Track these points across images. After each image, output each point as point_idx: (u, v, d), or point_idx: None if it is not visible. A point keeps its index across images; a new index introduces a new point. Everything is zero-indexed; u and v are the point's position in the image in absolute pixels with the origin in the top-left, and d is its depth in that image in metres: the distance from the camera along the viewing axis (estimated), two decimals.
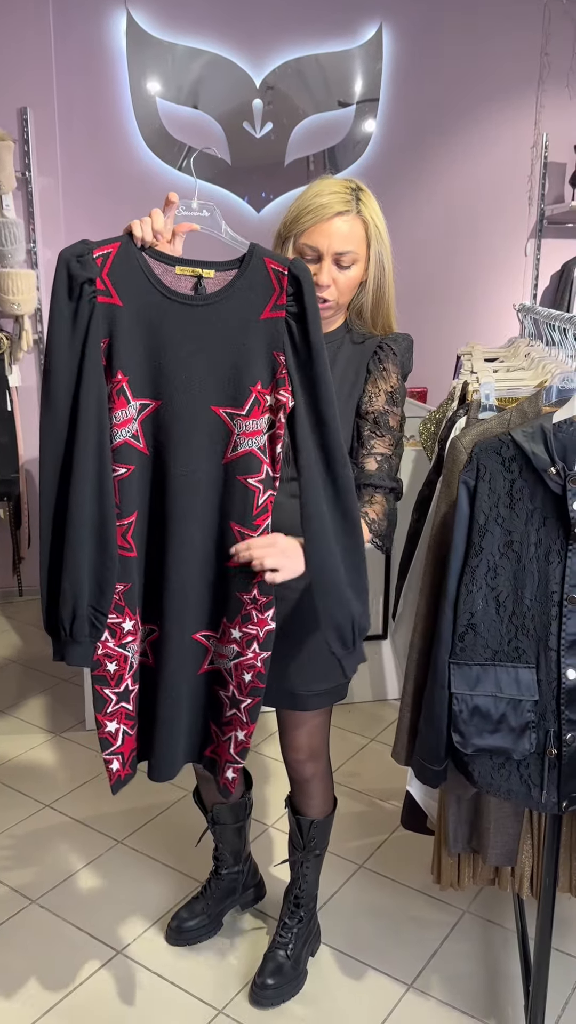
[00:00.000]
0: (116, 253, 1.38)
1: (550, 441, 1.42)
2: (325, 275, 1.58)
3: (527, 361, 2.03)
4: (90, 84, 3.78)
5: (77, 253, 1.36)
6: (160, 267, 1.41)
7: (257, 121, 3.97)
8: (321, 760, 1.86)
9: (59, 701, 3.16)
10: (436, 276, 4.34)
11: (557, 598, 1.47)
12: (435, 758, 1.56)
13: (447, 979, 1.94)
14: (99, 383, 1.38)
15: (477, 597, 1.48)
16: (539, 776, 1.52)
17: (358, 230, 1.59)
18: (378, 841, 2.40)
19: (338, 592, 1.45)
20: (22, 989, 1.90)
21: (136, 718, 1.57)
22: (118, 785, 1.57)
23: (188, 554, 1.47)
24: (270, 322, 1.41)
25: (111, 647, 1.50)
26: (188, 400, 1.42)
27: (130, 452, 1.43)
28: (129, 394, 1.42)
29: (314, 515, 1.42)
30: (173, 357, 1.41)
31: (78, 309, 1.37)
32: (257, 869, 2.16)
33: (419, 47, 4.08)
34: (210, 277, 1.41)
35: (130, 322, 1.40)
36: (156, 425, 1.44)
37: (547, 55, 4.22)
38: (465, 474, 1.47)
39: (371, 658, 3.13)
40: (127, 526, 1.45)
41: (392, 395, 1.64)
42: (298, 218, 1.59)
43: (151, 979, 1.93)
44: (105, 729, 1.53)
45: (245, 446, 1.44)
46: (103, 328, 1.38)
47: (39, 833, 2.43)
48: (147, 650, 1.55)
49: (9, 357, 3.68)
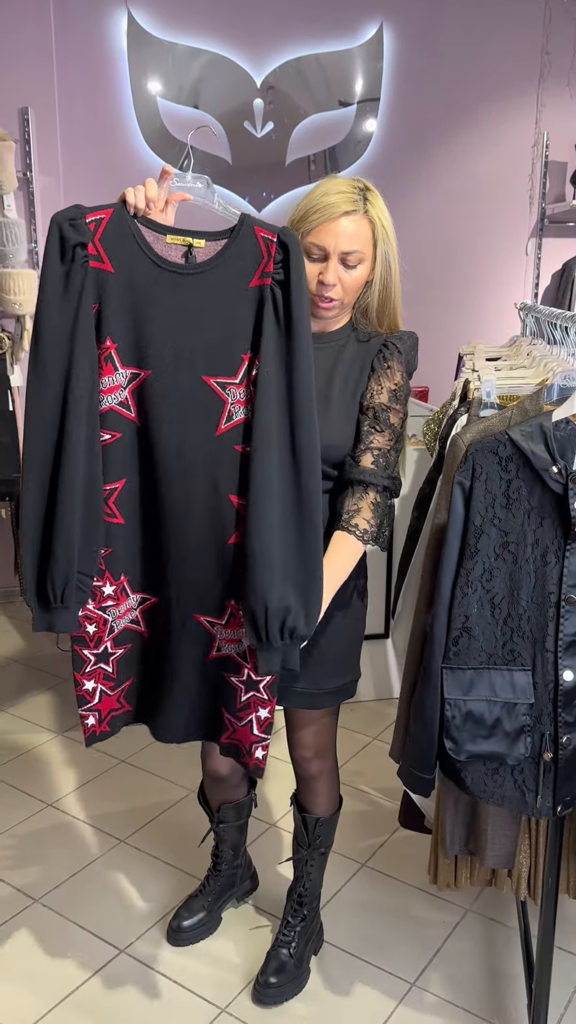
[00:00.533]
0: (109, 219, 1.38)
1: (550, 440, 1.41)
2: (331, 274, 1.58)
3: (529, 360, 2.02)
4: (91, 84, 3.78)
5: (70, 216, 1.36)
6: (152, 235, 1.41)
7: (258, 121, 3.98)
8: (328, 758, 1.86)
9: (61, 700, 3.16)
10: (437, 275, 4.34)
11: (555, 599, 1.45)
12: (426, 766, 1.54)
13: (450, 978, 1.94)
14: (91, 347, 1.38)
15: (472, 600, 1.47)
16: (534, 781, 1.51)
17: (365, 230, 1.59)
18: (381, 840, 2.40)
19: (266, 579, 1.39)
20: (24, 988, 1.90)
21: (116, 679, 1.59)
22: (92, 739, 1.61)
23: (186, 528, 1.46)
24: (257, 290, 1.40)
25: (91, 609, 1.51)
26: (178, 370, 1.41)
27: (117, 419, 1.43)
28: (117, 361, 1.41)
29: (259, 491, 1.38)
30: (163, 326, 1.40)
31: (70, 272, 1.36)
32: (251, 862, 2.18)
33: (420, 46, 4.08)
34: (200, 247, 1.41)
35: (120, 289, 1.39)
36: (147, 395, 1.43)
37: (548, 54, 4.22)
38: (460, 475, 1.45)
39: (373, 657, 3.13)
40: (110, 491, 1.45)
41: (395, 392, 1.64)
42: (305, 216, 1.58)
43: (154, 978, 1.93)
44: (83, 687, 1.56)
45: (240, 414, 1.43)
46: (93, 293, 1.38)
47: (41, 832, 2.43)
48: (139, 618, 1.56)
49: (11, 357, 3.68)
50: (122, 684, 1.60)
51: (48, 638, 3.67)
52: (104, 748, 2.80)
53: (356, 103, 4.07)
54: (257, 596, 1.40)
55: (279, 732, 2.84)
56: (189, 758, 2.56)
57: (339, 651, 1.74)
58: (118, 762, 2.75)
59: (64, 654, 3.50)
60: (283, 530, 1.41)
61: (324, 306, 1.61)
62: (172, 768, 2.70)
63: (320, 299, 1.60)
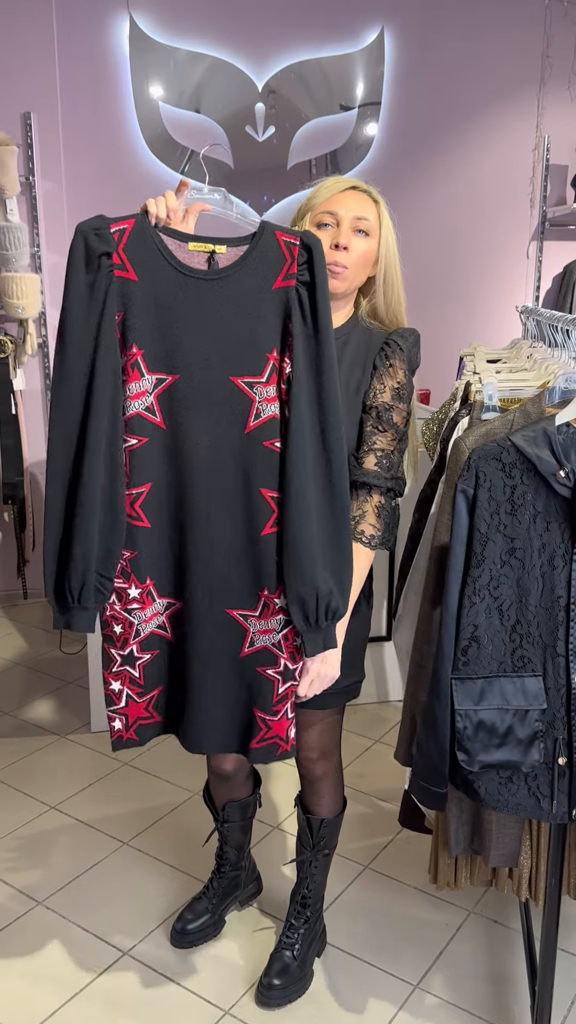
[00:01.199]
0: (132, 229, 1.43)
1: (555, 444, 1.41)
2: (345, 236, 1.63)
3: (530, 362, 2.03)
4: (93, 88, 3.80)
5: (95, 227, 1.40)
6: (173, 243, 1.45)
7: (259, 125, 3.99)
8: (332, 759, 1.87)
9: (64, 703, 3.17)
10: (438, 278, 4.34)
11: (564, 602, 1.45)
12: (439, 779, 1.53)
13: (453, 979, 1.94)
14: (115, 354, 1.42)
15: (480, 609, 1.46)
16: (548, 787, 1.50)
17: (371, 205, 1.67)
18: (383, 842, 2.40)
19: (310, 566, 1.47)
20: (28, 990, 1.91)
21: (144, 686, 1.60)
22: (118, 744, 1.62)
23: (216, 523, 1.49)
24: (282, 291, 1.45)
25: (117, 610, 1.54)
26: (206, 373, 1.45)
27: (143, 424, 1.46)
28: (144, 367, 1.45)
29: (296, 485, 1.45)
30: (189, 331, 1.44)
31: (95, 281, 1.40)
32: (255, 865, 2.18)
33: (421, 50, 4.09)
34: (222, 252, 1.45)
35: (145, 297, 1.43)
36: (174, 399, 1.46)
37: (548, 57, 4.23)
38: (463, 482, 1.44)
39: (374, 659, 3.14)
40: (136, 495, 1.48)
41: (398, 391, 1.65)
42: (315, 195, 1.68)
43: (157, 980, 1.94)
44: (109, 687, 1.59)
45: (268, 411, 1.47)
46: (118, 302, 1.42)
47: (45, 835, 2.43)
48: (165, 623, 1.58)
49: (14, 361, 3.69)
50: (150, 692, 1.61)
51: (51, 642, 3.68)
52: (107, 750, 2.81)
53: (357, 107, 4.09)
54: (306, 582, 1.47)
55: None
56: (192, 761, 2.56)
57: (345, 652, 1.74)
58: (121, 764, 2.76)
59: (67, 657, 3.51)
60: (319, 518, 1.48)
61: (335, 270, 1.63)
62: (176, 771, 2.70)
63: (332, 265, 1.62)
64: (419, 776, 1.57)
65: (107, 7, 3.73)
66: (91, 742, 2.89)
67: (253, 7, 3.86)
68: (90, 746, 2.87)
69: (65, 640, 3.63)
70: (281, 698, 1.58)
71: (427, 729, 1.52)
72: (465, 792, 1.55)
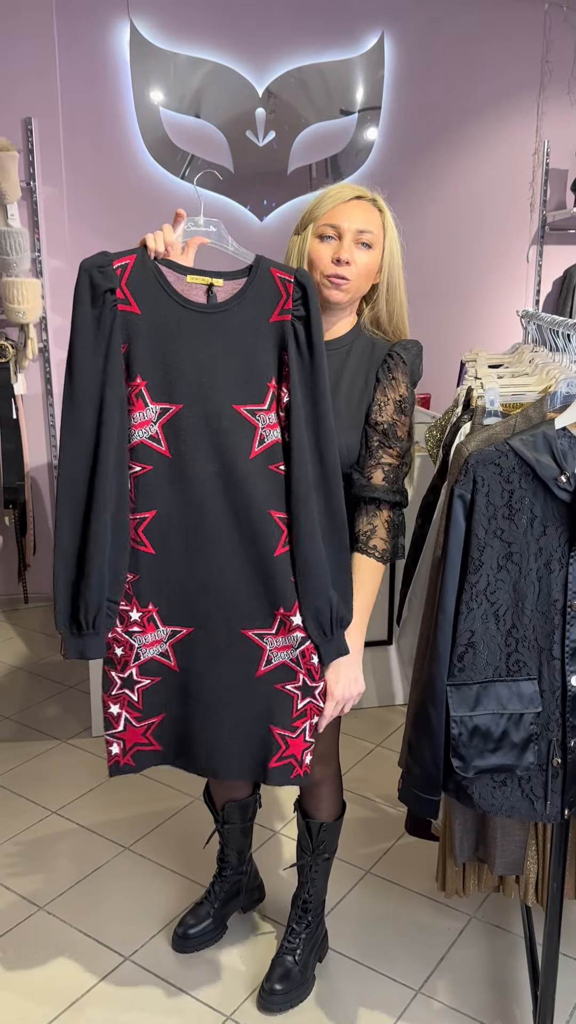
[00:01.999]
0: (133, 264, 1.48)
1: (556, 449, 1.41)
2: (346, 251, 1.62)
3: (531, 367, 2.03)
4: (94, 94, 3.81)
5: (98, 264, 1.46)
6: (173, 276, 1.50)
7: (260, 129, 4.00)
8: (331, 763, 1.87)
9: (65, 708, 3.17)
10: (439, 282, 4.35)
11: (560, 606, 1.45)
12: (433, 787, 1.53)
13: (455, 984, 1.94)
14: (120, 385, 1.48)
15: (477, 615, 1.46)
16: (542, 788, 1.50)
17: (375, 216, 1.67)
18: (385, 847, 2.40)
19: (323, 582, 1.55)
20: (29, 996, 1.90)
21: (143, 712, 1.60)
22: (115, 770, 1.63)
23: (223, 552, 1.52)
24: (278, 325, 1.51)
25: (119, 632, 1.57)
26: (208, 402, 1.50)
27: (147, 452, 1.51)
28: (148, 398, 1.50)
29: (303, 506, 1.52)
30: (191, 361, 1.49)
31: (101, 316, 1.46)
32: (257, 871, 2.17)
33: (420, 55, 4.10)
34: (220, 286, 1.51)
35: (148, 329, 1.48)
36: (179, 428, 1.50)
37: (548, 62, 4.24)
38: (460, 487, 1.44)
39: (377, 664, 3.14)
40: (139, 520, 1.52)
41: (400, 404, 1.66)
42: (318, 204, 1.66)
43: (159, 985, 1.94)
44: (108, 710, 1.61)
45: (272, 437, 1.53)
46: (123, 334, 1.47)
47: (46, 840, 2.43)
48: (168, 651, 1.58)
49: (15, 366, 3.69)
50: (149, 719, 1.61)
51: (52, 646, 3.68)
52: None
53: (357, 112, 4.10)
54: (320, 596, 1.54)
55: None
56: None
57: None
58: None
59: (68, 663, 3.50)
60: (323, 535, 1.55)
61: (336, 282, 1.63)
62: (176, 775, 2.70)
63: (334, 278, 1.63)
64: (412, 784, 1.56)
65: (108, 13, 3.74)
66: (92, 747, 2.89)
67: (253, 12, 3.87)
68: (91, 751, 2.87)
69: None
70: (300, 714, 1.59)
71: (422, 736, 1.52)
72: (457, 797, 1.54)
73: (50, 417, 3.95)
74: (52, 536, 1.55)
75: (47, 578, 3.92)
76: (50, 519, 4.02)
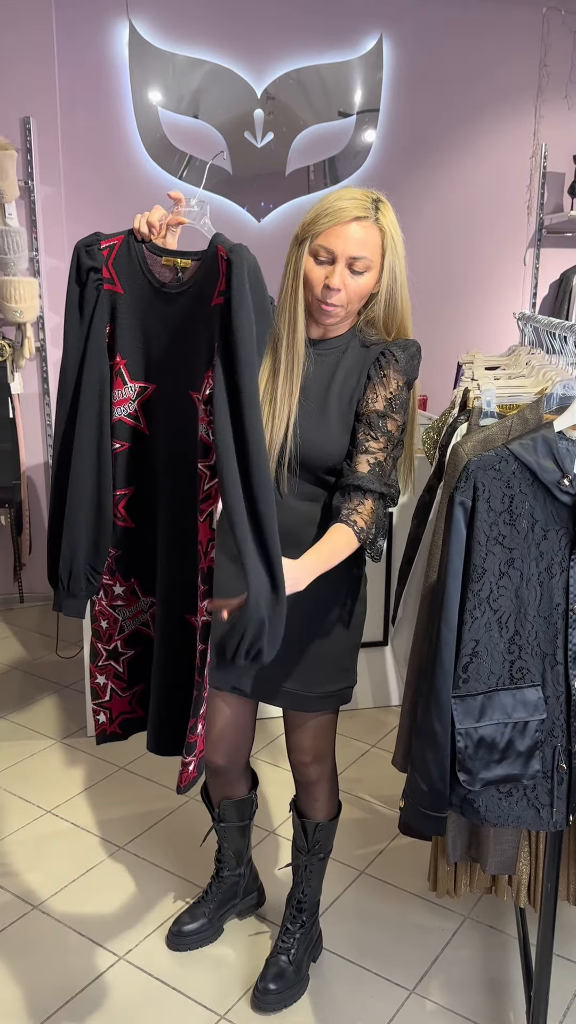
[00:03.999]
0: (120, 245, 1.51)
1: (557, 452, 1.40)
2: (336, 278, 1.57)
3: (528, 369, 2.04)
4: (92, 93, 3.81)
5: (87, 243, 1.50)
6: (151, 258, 1.52)
7: (258, 131, 4.00)
8: (326, 763, 1.87)
9: (61, 707, 3.16)
10: (436, 284, 4.36)
11: (562, 610, 1.45)
12: (440, 803, 1.48)
13: (448, 985, 1.95)
14: (101, 363, 1.51)
15: (481, 623, 1.43)
16: (548, 795, 1.49)
17: (374, 237, 1.59)
18: (379, 847, 2.40)
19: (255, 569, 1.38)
20: (23, 995, 1.90)
21: (128, 681, 1.70)
22: (102, 737, 1.71)
23: (179, 530, 1.55)
24: (216, 309, 1.41)
25: (104, 605, 1.66)
26: (173, 385, 1.52)
27: (126, 429, 1.56)
28: (126, 375, 1.54)
29: (234, 507, 1.36)
30: (159, 343, 1.53)
31: (84, 294, 1.50)
32: (257, 875, 2.17)
33: (419, 58, 4.11)
34: (185, 267, 1.49)
35: (128, 309, 1.52)
36: (152, 408, 1.55)
37: (546, 66, 4.25)
38: (460, 494, 1.41)
39: (372, 664, 3.14)
40: (120, 497, 1.58)
41: (391, 401, 1.61)
42: (316, 219, 1.58)
43: (153, 985, 1.94)
44: (95, 680, 1.69)
45: (200, 431, 1.49)
46: (107, 313, 1.51)
47: (41, 839, 2.43)
48: (149, 621, 1.67)
49: (11, 364, 3.69)
50: (134, 687, 1.71)
51: (48, 646, 3.67)
52: (103, 754, 2.80)
53: (355, 114, 4.10)
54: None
55: (279, 739, 2.85)
56: None
57: (331, 656, 1.74)
58: (117, 768, 2.76)
59: (64, 661, 3.50)
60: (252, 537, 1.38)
61: (327, 308, 1.60)
62: (171, 775, 2.70)
63: (324, 304, 1.60)
64: (419, 803, 1.51)
65: (107, 13, 3.74)
66: (87, 746, 2.89)
67: (252, 14, 3.88)
68: (86, 750, 2.87)
69: (62, 644, 3.62)
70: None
71: (428, 752, 1.47)
72: (462, 812, 1.51)
73: (47, 416, 3.95)
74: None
75: (43, 578, 3.92)
76: (46, 517, 4.02)
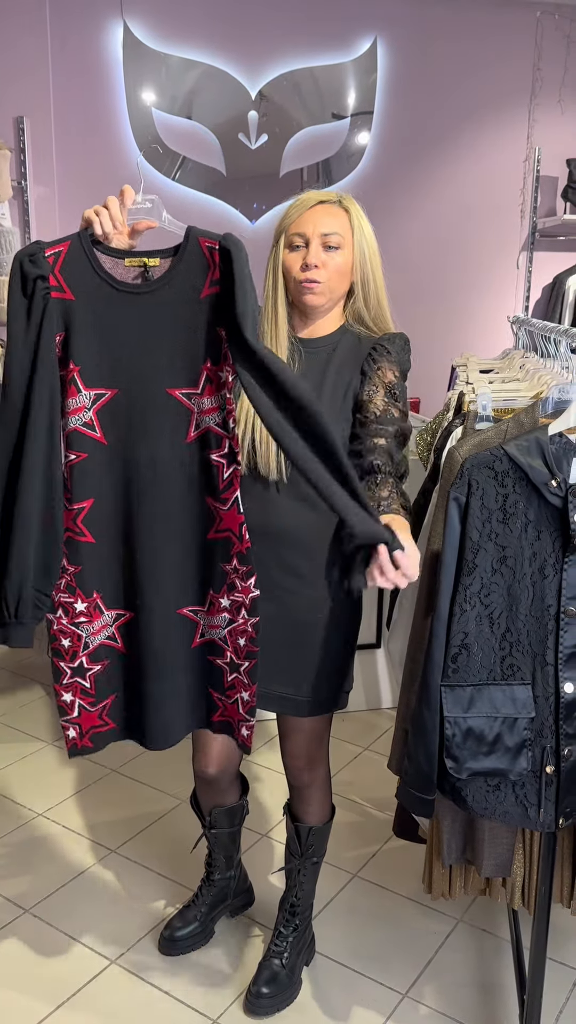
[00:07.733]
0: (67, 251, 1.46)
1: (548, 454, 1.42)
2: (314, 255, 1.63)
3: (522, 372, 2.04)
4: (86, 94, 3.80)
5: (29, 252, 1.44)
6: (110, 261, 1.48)
7: (252, 132, 4.00)
8: (320, 767, 1.86)
9: (51, 710, 3.15)
10: (429, 288, 4.36)
11: (553, 611, 1.46)
12: (427, 786, 1.53)
13: (442, 988, 1.94)
14: (51, 375, 1.45)
15: (470, 616, 1.46)
16: (536, 795, 1.50)
17: (341, 216, 1.66)
18: (372, 850, 2.40)
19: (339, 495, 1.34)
20: (14, 999, 1.89)
21: (96, 696, 1.64)
22: (74, 751, 1.68)
23: (159, 537, 1.53)
24: (210, 299, 1.44)
25: (64, 624, 1.59)
26: (144, 386, 1.48)
27: (82, 439, 1.50)
28: (80, 383, 1.48)
29: (288, 444, 1.35)
30: (125, 346, 1.47)
31: (31, 305, 1.44)
32: (247, 875, 2.17)
33: (413, 60, 4.11)
34: (155, 265, 1.46)
35: (83, 315, 1.46)
36: (114, 413, 1.50)
37: (539, 69, 4.26)
38: (455, 490, 1.45)
39: (364, 667, 3.14)
40: (78, 511, 1.52)
41: (390, 389, 1.63)
42: (286, 215, 1.68)
43: (145, 989, 1.93)
44: (61, 698, 1.64)
45: (205, 423, 1.49)
46: (59, 322, 1.45)
47: (32, 842, 2.42)
48: (115, 634, 1.62)
49: (2, 366, 3.68)
50: (103, 701, 1.65)
51: (37, 647, 3.66)
52: (95, 758, 2.79)
53: (349, 116, 4.10)
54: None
55: (272, 741, 2.84)
56: (180, 768, 2.54)
57: (325, 662, 1.74)
58: (109, 772, 2.75)
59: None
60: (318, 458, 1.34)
61: (308, 285, 1.64)
62: (163, 778, 2.70)
63: (306, 283, 1.64)
64: (409, 784, 1.57)
65: (101, 13, 3.73)
66: None
67: (247, 15, 3.88)
68: None
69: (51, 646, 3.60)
70: (230, 686, 1.63)
71: (417, 736, 1.52)
72: (453, 799, 1.55)
73: None
74: None
75: None
76: None
